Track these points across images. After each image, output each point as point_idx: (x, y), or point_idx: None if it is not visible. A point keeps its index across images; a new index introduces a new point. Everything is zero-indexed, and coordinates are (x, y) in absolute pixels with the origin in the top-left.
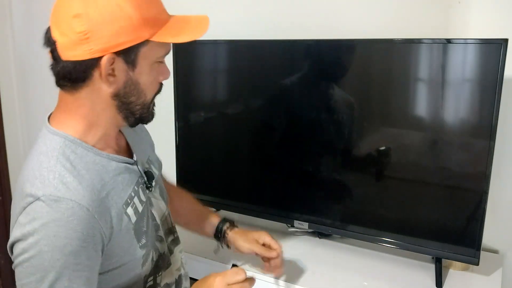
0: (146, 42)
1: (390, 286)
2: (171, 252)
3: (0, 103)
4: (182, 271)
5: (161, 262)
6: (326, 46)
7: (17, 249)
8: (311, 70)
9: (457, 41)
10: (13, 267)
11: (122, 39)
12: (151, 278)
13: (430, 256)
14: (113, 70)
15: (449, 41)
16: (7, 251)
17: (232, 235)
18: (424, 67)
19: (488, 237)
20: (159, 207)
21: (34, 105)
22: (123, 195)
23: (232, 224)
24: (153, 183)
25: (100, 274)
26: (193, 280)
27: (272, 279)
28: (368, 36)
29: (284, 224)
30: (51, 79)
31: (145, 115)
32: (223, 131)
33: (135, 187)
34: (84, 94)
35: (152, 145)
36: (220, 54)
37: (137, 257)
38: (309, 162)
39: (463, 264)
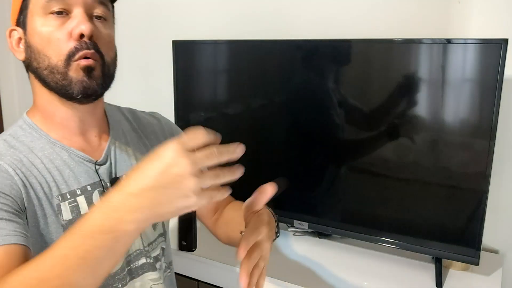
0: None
1: (390, 286)
2: (133, 275)
3: (0, 103)
4: None
5: (106, 282)
6: (326, 46)
7: None
8: (311, 70)
9: (457, 41)
10: None
11: (13, 8)
12: None
13: (430, 256)
14: (18, 41)
15: (449, 41)
16: None
17: None
18: (424, 67)
19: (488, 237)
20: None
21: None
22: (62, 187)
23: None
24: None
25: None
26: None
27: (271, 280)
28: (368, 36)
29: (284, 224)
30: None
31: (63, 83)
32: (223, 131)
33: (89, 187)
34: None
35: None
36: (220, 54)
37: None
38: (309, 162)
39: (463, 264)
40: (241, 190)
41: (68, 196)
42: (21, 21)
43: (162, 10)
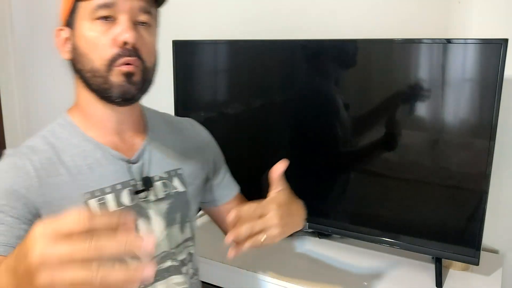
0: (78, 3)
1: (390, 286)
2: (157, 277)
3: (0, 103)
4: None
5: None
6: (326, 46)
7: None
8: (311, 70)
9: (457, 41)
10: None
11: (63, 9)
12: None
13: (430, 256)
14: (64, 41)
15: (449, 41)
16: None
17: None
18: (424, 67)
19: (488, 237)
20: (152, 223)
21: (34, 105)
22: (92, 184)
23: None
24: (149, 192)
25: None
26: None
27: (271, 280)
28: (368, 36)
29: None
30: (51, 79)
31: (104, 86)
32: (223, 131)
33: (119, 185)
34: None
35: (203, 161)
36: (220, 54)
37: None
38: (309, 162)
39: (463, 264)
40: (242, 189)
41: (97, 194)
42: (70, 22)
43: (162, 10)
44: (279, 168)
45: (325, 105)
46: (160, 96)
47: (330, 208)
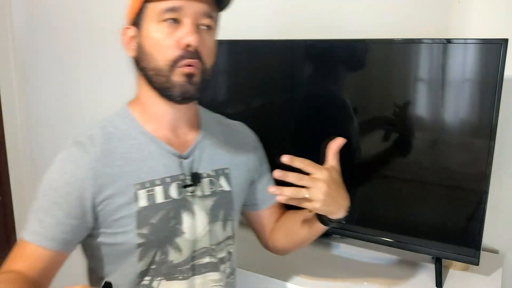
0: (146, 4)
1: (390, 286)
2: (195, 272)
3: (0, 103)
4: None
5: (167, 270)
6: (326, 46)
7: None
8: (311, 70)
9: (457, 41)
10: None
11: (131, 9)
12: (149, 278)
13: (430, 256)
14: (130, 39)
15: (449, 41)
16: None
17: None
18: (424, 67)
19: (488, 237)
20: (196, 218)
21: (34, 105)
22: (143, 176)
23: None
24: (196, 187)
25: (93, 237)
26: None
27: (271, 280)
28: (368, 36)
29: None
30: (51, 79)
31: (166, 85)
32: None
33: (168, 179)
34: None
35: (249, 164)
36: (220, 54)
37: (131, 242)
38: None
39: (463, 264)
40: None
41: (147, 185)
42: (136, 22)
43: None
44: (337, 142)
45: (324, 105)
46: None
47: None
